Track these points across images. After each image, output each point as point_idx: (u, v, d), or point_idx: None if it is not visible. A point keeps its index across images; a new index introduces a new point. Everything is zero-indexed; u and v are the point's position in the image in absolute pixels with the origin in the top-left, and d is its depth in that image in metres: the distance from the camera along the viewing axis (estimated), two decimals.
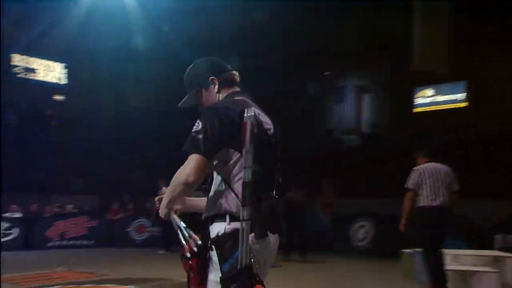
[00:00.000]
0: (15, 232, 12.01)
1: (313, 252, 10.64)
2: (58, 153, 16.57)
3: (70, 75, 22.32)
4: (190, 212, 2.59)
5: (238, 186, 2.29)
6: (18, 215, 12.75)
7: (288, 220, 10.54)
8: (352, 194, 12.80)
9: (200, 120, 2.34)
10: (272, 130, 2.47)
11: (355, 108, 19.10)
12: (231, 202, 2.32)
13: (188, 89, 2.60)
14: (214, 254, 2.31)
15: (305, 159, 15.38)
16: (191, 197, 2.61)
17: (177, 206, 2.44)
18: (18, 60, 21.13)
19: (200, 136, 2.28)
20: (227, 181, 2.34)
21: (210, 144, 2.28)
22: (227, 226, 2.29)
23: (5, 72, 20.43)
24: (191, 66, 2.64)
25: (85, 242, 12.58)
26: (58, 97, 22.48)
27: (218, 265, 2.27)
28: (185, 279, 2.41)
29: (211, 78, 2.55)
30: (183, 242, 2.35)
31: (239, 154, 2.30)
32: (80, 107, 20.46)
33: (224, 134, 2.29)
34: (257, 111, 2.44)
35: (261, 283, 2.22)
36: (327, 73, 18.95)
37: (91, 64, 19.52)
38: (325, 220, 11.91)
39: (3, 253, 11.16)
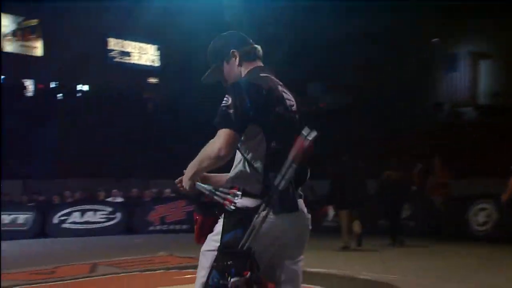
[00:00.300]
0: (117, 216, 12.91)
1: (423, 237, 10.32)
2: (154, 137, 17.43)
3: (162, 57, 23.31)
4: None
5: (255, 163, 2.44)
6: (119, 199, 13.68)
7: (388, 201, 10.30)
8: (470, 174, 12.16)
9: (229, 95, 2.44)
10: (295, 107, 2.57)
11: (470, 77, 18.08)
12: (246, 178, 2.47)
13: (210, 63, 2.70)
14: (221, 220, 2.49)
15: (413, 136, 14.86)
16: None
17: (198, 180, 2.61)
18: (113, 44, 22.43)
19: (231, 111, 2.39)
20: (245, 157, 2.47)
21: (241, 119, 2.39)
22: (239, 200, 2.45)
23: (102, 57, 21.82)
24: (213, 40, 2.74)
25: (184, 227, 13.19)
26: (152, 80, 23.62)
27: (221, 231, 2.44)
28: None
29: (232, 51, 2.64)
30: (222, 200, 2.51)
31: (261, 132, 2.43)
32: (173, 89, 21.34)
33: (253, 110, 2.40)
34: (281, 88, 2.57)
35: (254, 271, 2.33)
36: (436, 39, 18.06)
37: (184, 45, 20.12)
38: (437, 202, 11.46)
39: (106, 237, 12.10)
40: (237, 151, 2.51)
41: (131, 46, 22.93)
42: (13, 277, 6.93)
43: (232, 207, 2.45)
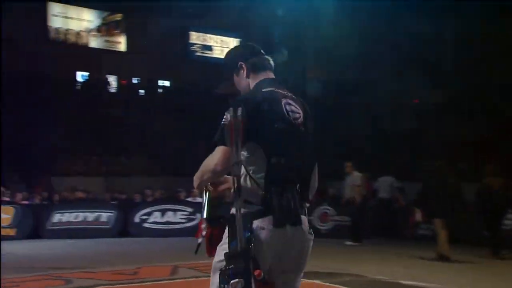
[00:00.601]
0: (198, 217, 13.25)
1: None
2: None
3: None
4: None
5: (256, 177, 2.67)
6: (200, 200, 14.05)
7: (487, 212, 9.82)
8: None
9: (228, 112, 2.66)
10: (301, 119, 2.78)
11: None
12: (246, 191, 2.67)
13: (224, 74, 3.00)
14: (227, 230, 2.72)
15: None
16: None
17: (209, 187, 2.96)
18: (195, 37, 23.08)
19: None
20: (247, 171, 2.71)
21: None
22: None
23: (184, 51, 22.51)
24: (226, 52, 3.07)
25: None
26: None
27: (227, 239, 2.68)
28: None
29: (240, 63, 2.90)
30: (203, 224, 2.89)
31: (260, 148, 2.66)
32: None
33: (251, 128, 2.63)
34: (286, 100, 2.77)
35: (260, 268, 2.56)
36: None
37: (266, 38, 20.31)
38: None
39: (187, 239, 12.45)
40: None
41: (213, 39, 23.45)
42: (97, 276, 7.38)
43: (199, 241, 2.84)
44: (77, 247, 10.90)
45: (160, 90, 22.22)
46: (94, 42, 21.31)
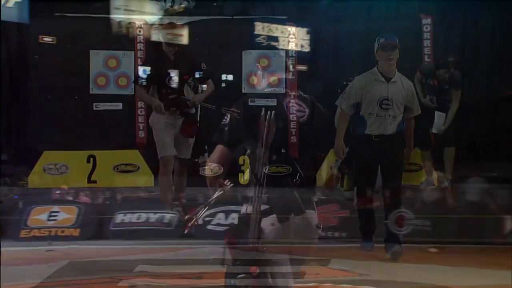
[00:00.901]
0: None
1: None
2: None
3: (312, 42, 23.45)
4: None
5: (259, 173, 2.98)
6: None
7: None
8: None
9: (228, 113, 3.06)
10: (305, 117, 3.13)
11: None
12: (251, 187, 3.08)
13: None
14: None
15: None
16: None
17: (226, 186, 3.28)
18: (260, 28, 23.11)
19: (226, 129, 3.08)
20: (251, 167, 3.09)
21: (233, 137, 3.04)
22: (248, 206, 3.16)
23: (248, 43, 22.59)
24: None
25: (336, 234, 13.09)
26: (301, 67, 23.80)
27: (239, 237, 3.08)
28: None
29: (257, 65, 3.77)
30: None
31: (262, 146, 3.00)
32: (324, 77, 21.38)
33: (248, 128, 2.99)
34: (288, 99, 3.08)
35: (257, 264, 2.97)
36: None
37: (337, 29, 20.00)
38: None
39: None
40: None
41: (279, 29, 23.37)
42: (160, 280, 7.49)
43: (186, 232, 3.18)
44: (139, 249, 11.12)
45: (223, 85, 22.33)
46: (156, 36, 21.69)
